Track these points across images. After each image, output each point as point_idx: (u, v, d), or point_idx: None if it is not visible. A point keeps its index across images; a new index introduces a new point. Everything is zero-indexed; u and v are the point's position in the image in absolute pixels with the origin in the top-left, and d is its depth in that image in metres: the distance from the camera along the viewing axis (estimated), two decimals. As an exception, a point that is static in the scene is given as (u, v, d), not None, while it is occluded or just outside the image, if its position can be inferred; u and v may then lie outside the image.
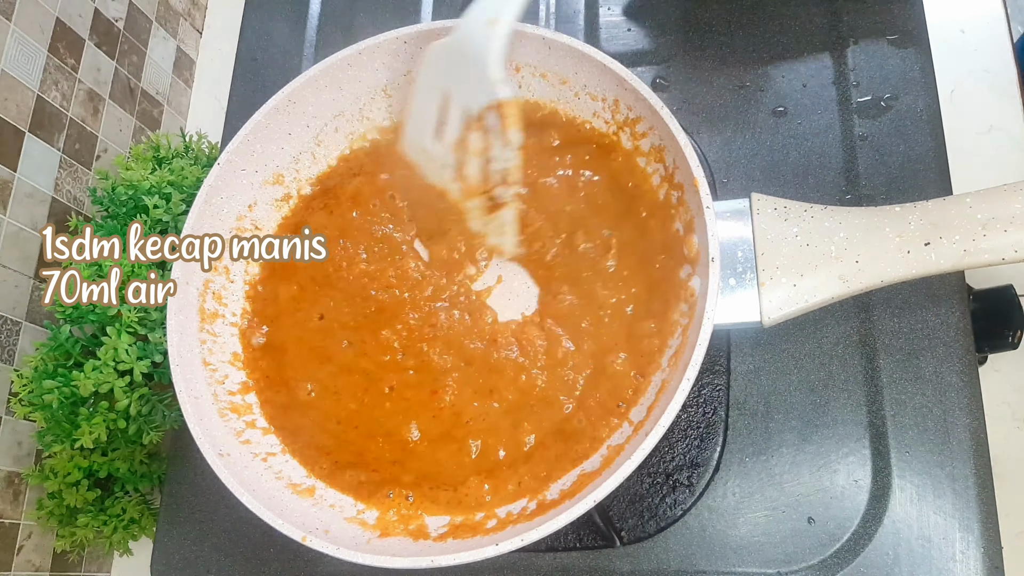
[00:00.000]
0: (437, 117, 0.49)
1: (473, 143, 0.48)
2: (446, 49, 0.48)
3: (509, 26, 0.45)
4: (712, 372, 0.52)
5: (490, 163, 0.47)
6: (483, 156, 0.48)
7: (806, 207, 0.47)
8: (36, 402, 0.52)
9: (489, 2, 0.46)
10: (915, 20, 0.58)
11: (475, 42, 0.45)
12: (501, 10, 0.45)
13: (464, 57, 0.46)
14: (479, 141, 0.47)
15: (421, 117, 0.50)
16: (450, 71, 0.48)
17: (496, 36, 0.45)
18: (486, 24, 0.45)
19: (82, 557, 0.62)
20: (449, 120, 0.49)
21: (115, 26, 0.69)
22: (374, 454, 0.50)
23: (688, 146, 0.46)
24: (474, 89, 0.46)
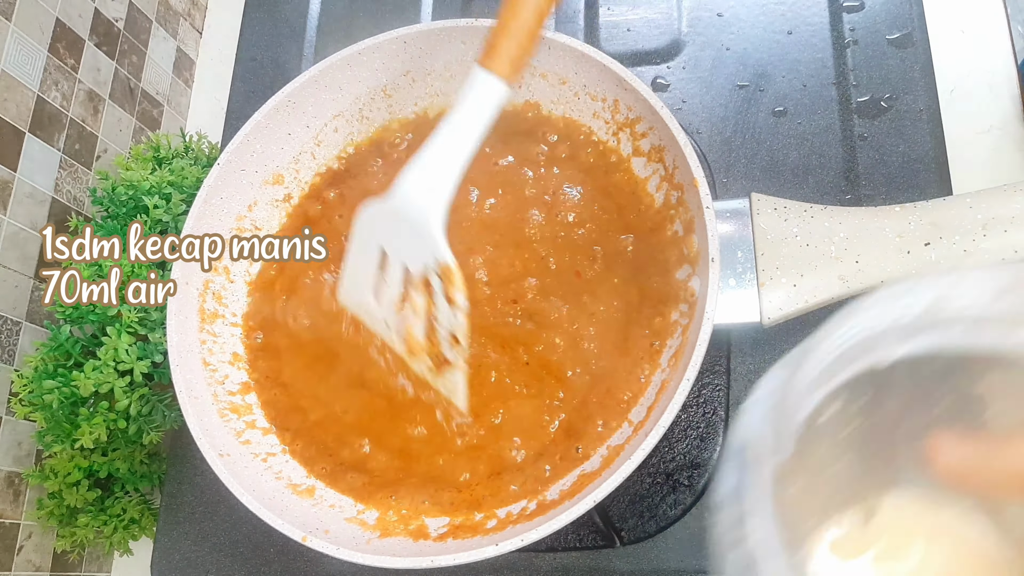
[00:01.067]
0: (375, 274, 0.47)
1: (416, 302, 0.46)
2: (381, 211, 0.45)
3: (449, 194, 0.43)
4: (712, 372, 0.52)
5: (436, 324, 0.45)
6: (428, 316, 0.46)
7: (806, 207, 0.47)
8: (36, 402, 0.52)
9: (426, 172, 0.44)
10: (915, 20, 0.58)
11: (415, 208, 0.44)
12: (441, 179, 0.43)
13: (402, 221, 0.45)
14: (422, 301, 0.45)
15: (358, 273, 0.48)
16: (387, 231, 0.46)
17: (438, 203, 0.43)
18: (427, 191, 0.43)
19: (82, 557, 0.62)
20: (388, 279, 0.47)
21: (115, 26, 0.69)
22: (376, 456, 0.49)
23: (688, 146, 0.46)
24: (415, 252, 0.45)
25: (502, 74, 0.43)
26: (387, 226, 0.46)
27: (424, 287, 0.45)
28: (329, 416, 0.51)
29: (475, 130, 0.43)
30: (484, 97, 0.43)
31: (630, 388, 0.48)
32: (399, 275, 0.46)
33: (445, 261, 0.44)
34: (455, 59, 0.55)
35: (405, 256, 0.46)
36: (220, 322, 0.53)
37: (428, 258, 0.44)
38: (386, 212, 0.45)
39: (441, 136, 0.44)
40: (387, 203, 0.45)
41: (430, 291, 0.45)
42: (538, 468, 0.47)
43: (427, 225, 0.43)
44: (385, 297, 0.47)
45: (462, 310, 0.44)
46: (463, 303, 0.44)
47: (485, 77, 0.43)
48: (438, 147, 0.44)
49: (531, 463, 0.48)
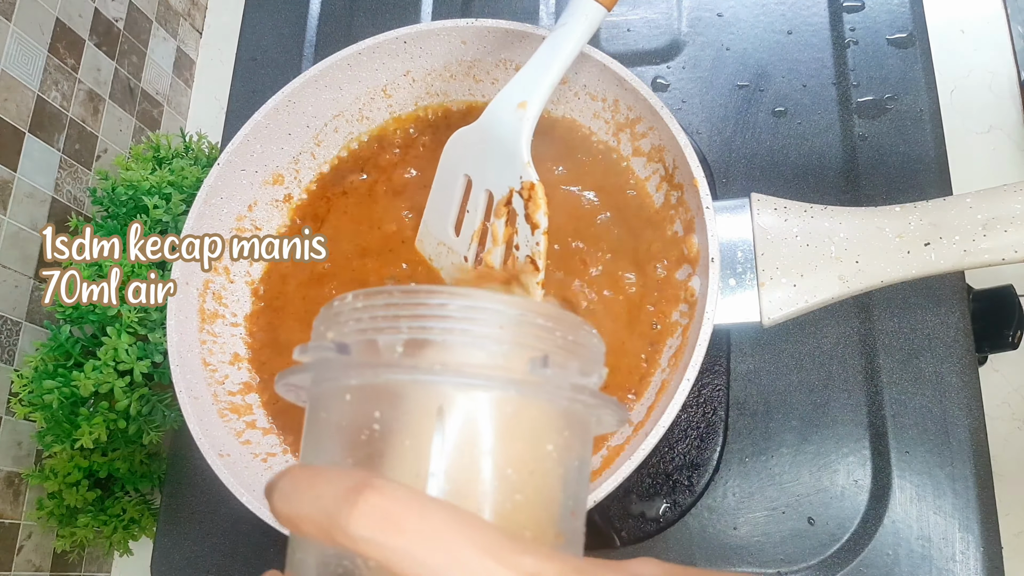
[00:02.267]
0: (460, 206, 0.49)
1: (497, 229, 0.47)
2: (472, 133, 0.47)
3: (538, 109, 0.45)
4: (712, 372, 0.52)
5: (516, 249, 0.46)
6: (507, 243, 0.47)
7: (806, 207, 0.47)
8: (36, 402, 0.52)
9: (518, 86, 0.46)
10: (915, 20, 0.58)
11: (504, 125, 0.46)
12: (531, 93, 0.45)
13: (491, 141, 0.46)
14: (503, 227, 0.47)
15: (442, 207, 0.50)
16: (474, 155, 0.48)
17: (526, 119, 0.45)
18: (516, 107, 0.45)
19: (82, 557, 0.62)
20: (470, 208, 0.48)
21: (115, 26, 0.69)
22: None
23: (688, 146, 0.46)
24: (500, 173, 0.46)
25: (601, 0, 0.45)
26: (475, 150, 0.47)
27: (506, 211, 0.46)
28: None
29: (566, 51, 0.45)
30: (579, 20, 0.45)
31: (630, 388, 0.48)
32: (483, 203, 0.48)
33: (530, 178, 0.45)
34: (455, 59, 0.55)
35: (491, 179, 0.47)
36: (220, 322, 0.53)
37: (513, 178, 0.45)
38: (475, 134, 0.47)
39: (535, 58, 0.46)
40: (478, 124, 0.47)
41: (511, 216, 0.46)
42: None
43: (514, 142, 0.45)
44: (466, 228, 0.48)
45: (543, 232, 0.45)
46: (544, 223, 0.45)
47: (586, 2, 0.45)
48: (531, 68, 0.46)
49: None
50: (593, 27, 0.45)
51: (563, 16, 0.46)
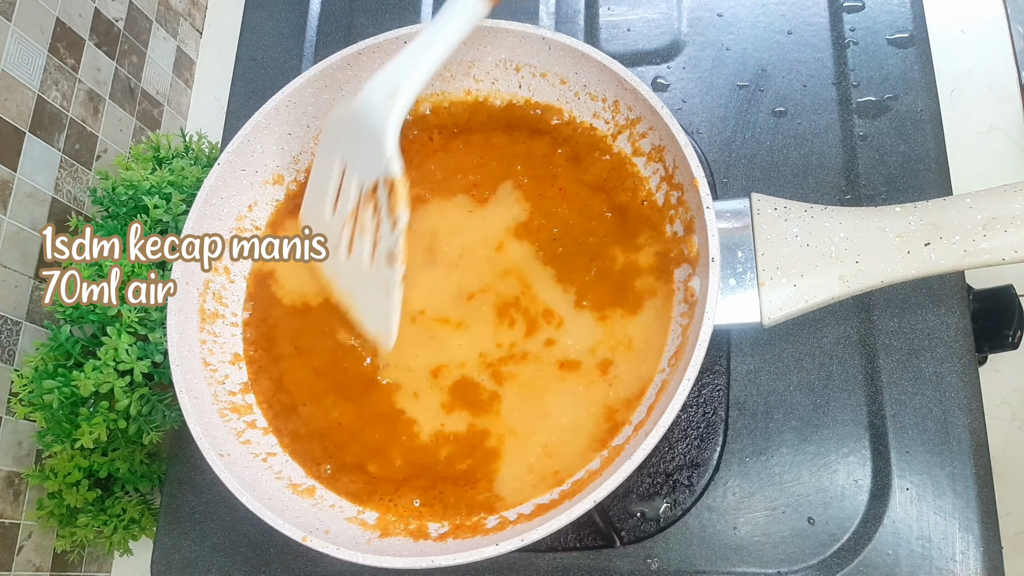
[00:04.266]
0: (336, 187, 0.48)
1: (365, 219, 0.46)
2: (346, 118, 0.46)
3: (408, 101, 0.44)
4: (712, 372, 0.52)
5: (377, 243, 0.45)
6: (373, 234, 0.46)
7: (806, 207, 0.47)
8: (36, 402, 0.52)
9: (389, 76, 0.45)
10: (915, 20, 0.58)
11: (373, 115, 0.44)
12: (400, 85, 0.44)
13: (361, 128, 0.45)
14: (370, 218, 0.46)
15: (321, 185, 0.49)
16: (348, 141, 0.46)
17: (394, 111, 0.44)
18: (385, 98, 0.44)
19: (82, 557, 0.62)
20: (343, 192, 0.47)
21: (115, 26, 0.69)
22: (377, 458, 0.49)
23: (688, 146, 0.46)
24: (368, 162, 0.45)
25: None
26: (347, 134, 0.46)
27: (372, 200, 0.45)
28: (330, 416, 0.51)
29: (442, 43, 0.44)
30: (459, 13, 0.44)
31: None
32: (355, 190, 0.46)
33: (392, 173, 0.43)
34: (455, 59, 0.55)
35: (361, 167, 0.46)
36: (220, 322, 0.53)
37: (380, 168, 0.44)
38: (349, 118, 0.46)
39: (410, 48, 0.44)
40: (350, 112, 0.45)
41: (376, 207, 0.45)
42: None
43: (381, 132, 0.44)
44: (339, 210, 0.47)
45: (401, 226, 0.44)
46: (404, 218, 0.44)
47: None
48: (404, 57, 0.44)
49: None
50: (472, 22, 0.44)
51: (443, 7, 0.44)
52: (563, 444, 0.47)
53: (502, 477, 0.47)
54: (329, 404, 0.51)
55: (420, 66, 0.44)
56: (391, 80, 0.44)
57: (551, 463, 0.47)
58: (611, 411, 0.47)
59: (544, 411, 0.48)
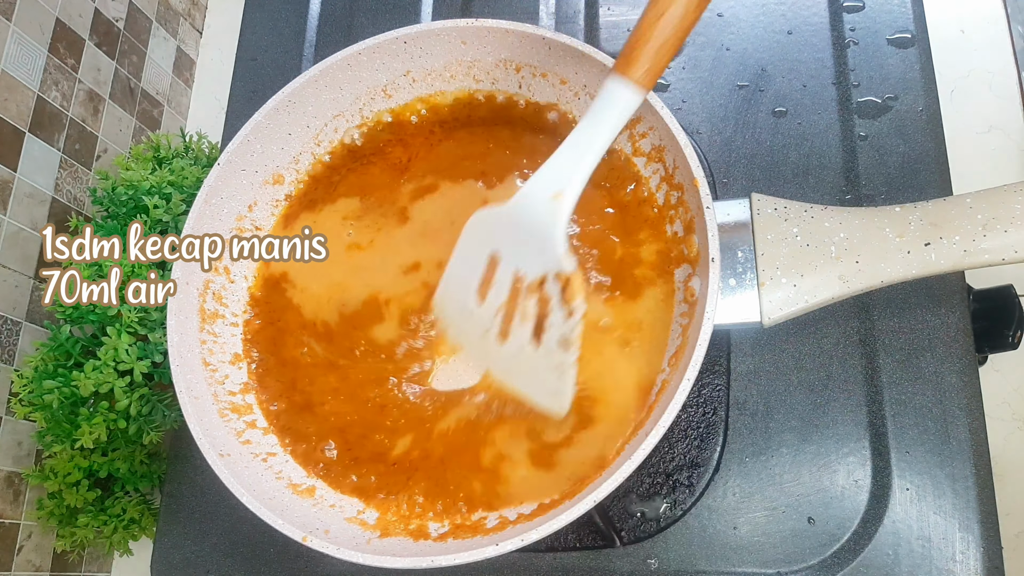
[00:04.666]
0: (482, 277, 0.48)
1: (528, 307, 0.46)
2: (502, 216, 0.46)
3: (574, 201, 0.44)
4: (712, 372, 0.52)
5: (548, 329, 0.46)
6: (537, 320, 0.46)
7: (806, 207, 0.47)
8: (36, 402, 0.52)
9: (553, 175, 0.44)
10: (915, 20, 0.58)
11: (538, 215, 0.44)
12: (566, 183, 0.44)
13: (522, 227, 0.45)
14: (534, 306, 0.46)
15: (463, 275, 0.49)
16: (504, 237, 0.47)
17: (561, 210, 0.44)
18: (551, 198, 0.44)
19: (82, 557, 0.62)
20: (497, 281, 0.47)
21: (115, 26, 0.69)
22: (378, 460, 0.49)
23: (688, 146, 0.46)
24: (532, 258, 0.45)
25: (639, 83, 0.43)
26: (504, 232, 0.46)
27: (538, 291, 0.46)
28: (330, 418, 0.51)
29: (602, 139, 0.43)
30: (616, 106, 0.43)
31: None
32: (509, 280, 0.47)
33: (567, 270, 0.44)
34: (455, 59, 0.55)
35: (521, 262, 0.46)
36: (220, 322, 0.53)
37: (548, 265, 0.45)
38: (505, 218, 0.46)
39: (569, 144, 0.44)
40: (508, 210, 0.46)
41: (543, 297, 0.45)
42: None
43: (550, 234, 0.44)
44: (491, 299, 0.48)
45: (578, 316, 0.44)
46: (582, 309, 0.44)
47: (620, 87, 0.43)
48: (565, 155, 0.44)
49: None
50: (628, 113, 0.43)
51: (597, 99, 0.44)
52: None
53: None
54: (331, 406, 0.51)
55: (583, 164, 0.44)
56: (555, 180, 0.44)
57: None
58: None
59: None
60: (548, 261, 0.45)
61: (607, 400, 0.48)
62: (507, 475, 0.47)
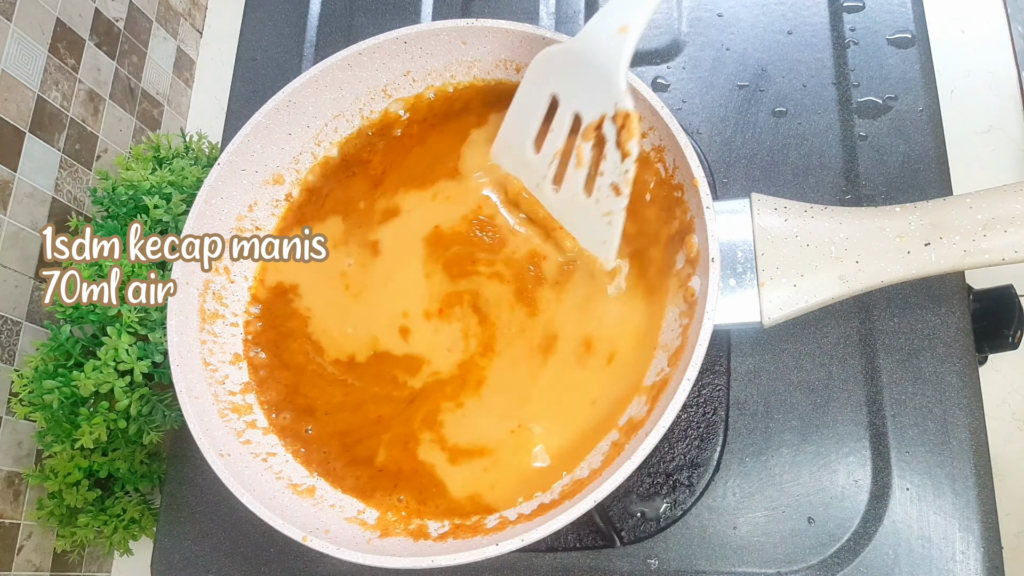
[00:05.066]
0: (541, 123, 0.48)
1: (583, 152, 0.46)
2: (565, 54, 0.46)
3: (639, 35, 0.44)
4: (712, 372, 0.52)
5: (600, 175, 0.46)
6: (591, 166, 0.47)
7: (806, 207, 0.47)
8: (36, 402, 0.52)
9: (619, 8, 0.44)
10: (915, 20, 0.58)
11: (603, 49, 0.44)
12: (632, 17, 0.43)
13: (585, 63, 0.45)
14: (589, 151, 0.46)
15: (522, 122, 0.49)
16: (565, 76, 0.47)
17: (627, 44, 0.43)
18: (616, 31, 0.44)
19: (82, 557, 0.62)
20: (555, 127, 0.47)
21: (115, 26, 0.69)
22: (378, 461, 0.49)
23: (688, 146, 0.46)
24: (592, 97, 0.45)
25: None
26: (566, 71, 0.46)
27: (595, 135, 0.45)
28: (329, 419, 0.51)
29: None
30: None
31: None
32: (567, 123, 0.47)
33: (625, 107, 0.44)
34: (455, 59, 0.55)
35: (581, 103, 0.46)
36: (220, 322, 0.53)
37: (607, 104, 0.45)
38: (567, 55, 0.46)
39: None
40: (571, 45, 0.45)
41: (599, 140, 0.45)
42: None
43: (612, 68, 0.44)
44: (547, 147, 0.48)
45: (632, 158, 0.44)
46: (636, 151, 0.44)
47: None
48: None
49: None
50: None
51: None
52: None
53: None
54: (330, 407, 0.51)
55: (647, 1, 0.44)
56: (620, 15, 0.44)
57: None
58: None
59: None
60: (608, 99, 0.45)
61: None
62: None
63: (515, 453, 0.48)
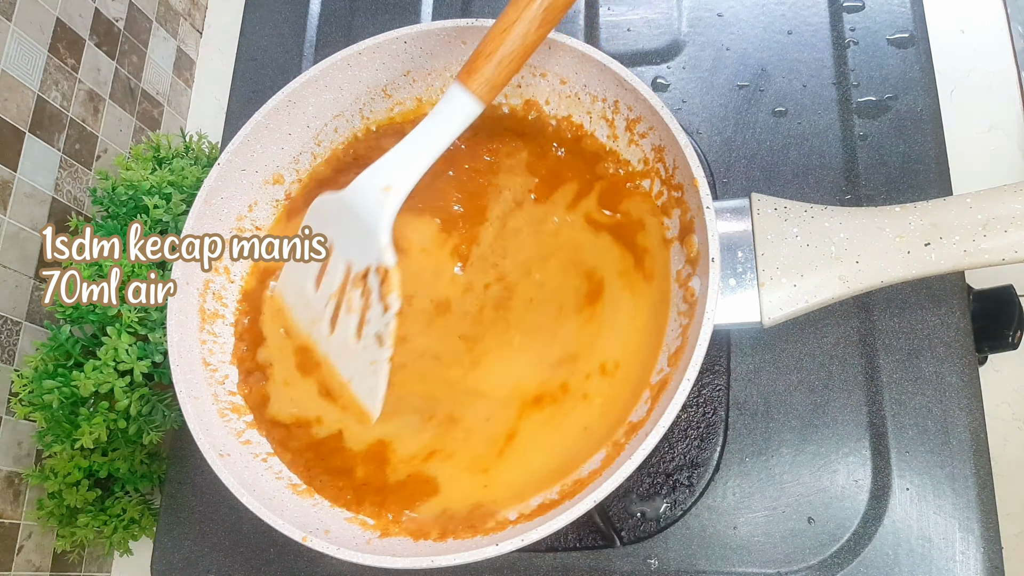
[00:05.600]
0: (321, 265, 0.49)
1: (353, 299, 0.48)
2: (336, 204, 0.47)
3: (403, 197, 0.45)
4: (712, 372, 0.52)
5: (367, 324, 0.47)
6: (360, 313, 0.48)
7: (806, 207, 0.47)
8: (36, 402, 0.52)
9: (385, 169, 0.46)
10: (915, 20, 0.58)
11: (367, 205, 0.46)
12: (397, 179, 0.45)
13: (353, 216, 0.46)
14: (358, 299, 0.47)
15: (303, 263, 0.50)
16: (336, 224, 0.48)
17: (389, 204, 0.45)
18: (381, 190, 0.45)
19: (82, 557, 0.62)
20: (329, 271, 0.49)
21: (115, 26, 0.69)
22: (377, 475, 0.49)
23: (688, 146, 0.46)
24: (360, 248, 0.47)
25: (478, 94, 0.44)
26: (338, 220, 0.48)
27: (362, 283, 0.47)
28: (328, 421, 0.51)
29: (439, 142, 0.45)
30: (456, 112, 0.45)
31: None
32: (341, 269, 0.48)
33: (386, 263, 0.45)
34: (455, 59, 0.55)
35: (349, 252, 0.48)
36: (220, 322, 0.53)
37: (371, 257, 0.46)
38: (339, 205, 0.47)
39: (407, 143, 0.46)
40: (342, 196, 0.47)
41: (366, 290, 0.47)
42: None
43: (376, 224, 0.45)
44: (323, 288, 0.49)
45: (392, 312, 0.46)
46: (396, 306, 0.46)
47: (460, 94, 0.44)
48: (401, 152, 0.46)
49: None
50: (468, 120, 0.45)
51: (439, 104, 0.45)
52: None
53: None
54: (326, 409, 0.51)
55: (416, 164, 0.45)
56: (387, 174, 0.46)
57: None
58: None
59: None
60: (372, 253, 0.46)
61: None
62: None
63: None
